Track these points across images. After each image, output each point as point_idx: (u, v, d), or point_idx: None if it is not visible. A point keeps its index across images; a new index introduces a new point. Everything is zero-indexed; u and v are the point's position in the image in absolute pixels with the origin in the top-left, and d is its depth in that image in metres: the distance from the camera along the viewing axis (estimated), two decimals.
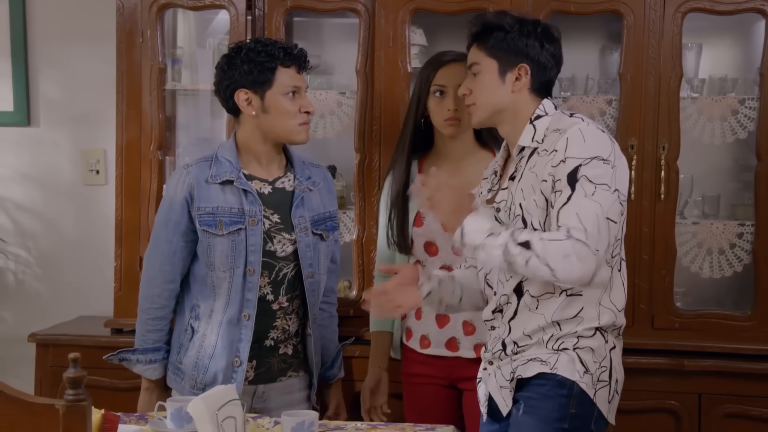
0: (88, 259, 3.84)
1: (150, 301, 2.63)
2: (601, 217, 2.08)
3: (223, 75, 2.57)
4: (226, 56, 2.60)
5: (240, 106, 2.56)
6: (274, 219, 2.56)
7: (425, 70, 2.78)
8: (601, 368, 2.17)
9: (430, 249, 2.74)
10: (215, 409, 2.11)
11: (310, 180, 2.64)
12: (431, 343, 2.77)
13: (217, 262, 2.53)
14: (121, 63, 3.47)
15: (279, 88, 2.53)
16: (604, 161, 2.13)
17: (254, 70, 2.52)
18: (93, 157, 3.84)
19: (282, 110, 2.53)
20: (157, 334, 2.64)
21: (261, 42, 2.58)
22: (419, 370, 2.79)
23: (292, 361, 2.64)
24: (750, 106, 3.30)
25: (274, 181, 2.60)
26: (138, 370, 2.66)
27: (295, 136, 2.57)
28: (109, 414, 2.25)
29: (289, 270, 2.58)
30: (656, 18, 3.22)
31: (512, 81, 2.25)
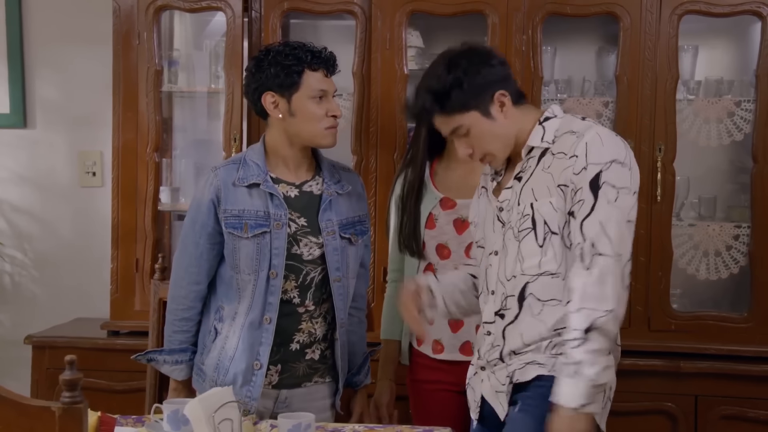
0: (85, 261, 3.84)
1: (177, 302, 2.62)
2: (623, 222, 2.12)
3: (251, 78, 2.57)
4: (254, 59, 2.60)
5: (267, 109, 2.55)
6: (301, 222, 2.55)
7: None
8: None
9: (442, 252, 2.73)
10: (212, 411, 2.10)
11: (339, 184, 2.62)
12: (444, 347, 2.74)
13: (242, 265, 2.53)
14: (117, 65, 3.47)
15: (306, 91, 2.51)
16: (621, 164, 2.15)
17: (281, 74, 2.50)
18: (90, 159, 3.84)
19: (308, 114, 2.52)
20: (183, 335, 2.63)
21: (289, 45, 2.55)
22: (430, 376, 2.76)
23: (318, 366, 2.62)
24: (746, 108, 3.30)
25: (301, 184, 2.59)
26: (165, 370, 2.66)
27: (321, 140, 2.56)
28: (106, 416, 2.25)
29: (316, 274, 2.56)
30: (652, 20, 3.23)
31: (499, 111, 2.22)
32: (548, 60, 3.38)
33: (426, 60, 3.49)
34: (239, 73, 3.38)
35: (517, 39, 3.25)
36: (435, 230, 2.72)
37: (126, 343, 3.38)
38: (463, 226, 2.68)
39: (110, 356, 3.38)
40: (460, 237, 2.70)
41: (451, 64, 2.21)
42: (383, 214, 3.31)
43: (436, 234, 2.72)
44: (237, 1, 3.39)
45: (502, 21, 3.26)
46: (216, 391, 2.20)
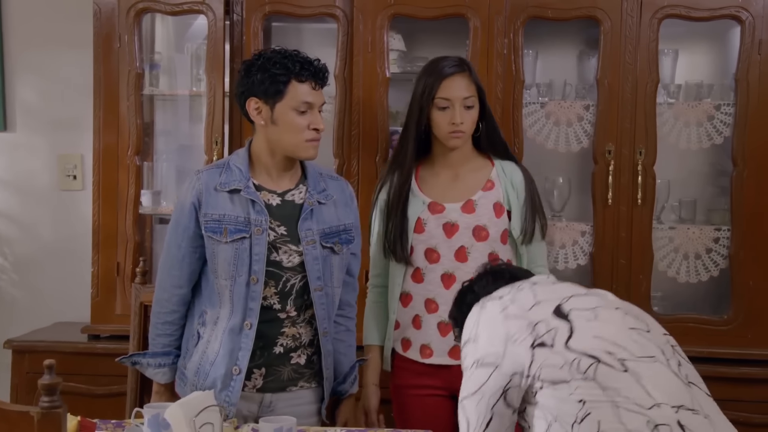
0: (65, 265, 3.82)
1: (160, 306, 2.61)
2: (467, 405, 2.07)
3: (240, 81, 2.56)
4: (245, 62, 2.58)
5: (250, 114, 2.53)
6: (280, 231, 2.54)
7: (427, 79, 2.70)
8: None
9: (431, 256, 2.72)
10: (192, 415, 2.10)
11: (323, 193, 2.60)
12: (434, 352, 2.73)
13: (219, 270, 2.51)
14: (98, 68, 3.45)
15: (289, 102, 2.49)
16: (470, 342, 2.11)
17: (267, 81, 2.48)
18: (70, 162, 3.82)
19: (290, 124, 2.50)
20: (166, 339, 2.62)
21: (280, 53, 2.52)
22: (417, 381, 2.75)
23: (304, 371, 2.60)
24: (726, 111, 3.33)
25: (283, 193, 2.58)
26: (149, 373, 2.64)
27: (301, 151, 2.54)
28: (86, 421, 2.24)
29: (296, 281, 2.55)
30: (633, 24, 3.25)
31: None
32: (530, 63, 3.40)
33: (408, 63, 3.50)
34: (221, 76, 3.38)
35: (498, 42, 3.26)
36: (424, 234, 2.71)
37: (107, 347, 3.37)
38: (453, 229, 2.69)
39: (91, 360, 3.37)
40: (449, 240, 2.70)
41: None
42: (365, 218, 3.30)
43: (425, 238, 2.71)
44: (218, 4, 3.39)
45: (484, 24, 3.27)
46: (197, 395, 2.19)
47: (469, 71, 2.71)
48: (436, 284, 2.70)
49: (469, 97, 2.68)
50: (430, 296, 2.71)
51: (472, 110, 2.69)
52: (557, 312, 2.00)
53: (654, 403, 1.85)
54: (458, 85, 2.68)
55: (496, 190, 2.72)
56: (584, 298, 2.04)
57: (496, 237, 2.69)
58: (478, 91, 2.71)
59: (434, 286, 2.71)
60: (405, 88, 3.56)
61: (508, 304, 2.05)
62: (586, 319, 1.98)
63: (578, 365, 1.91)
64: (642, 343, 1.95)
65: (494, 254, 2.69)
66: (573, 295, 2.05)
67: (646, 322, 2.04)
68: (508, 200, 2.71)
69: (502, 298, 2.08)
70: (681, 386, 1.91)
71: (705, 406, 1.91)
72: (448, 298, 2.67)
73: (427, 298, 2.72)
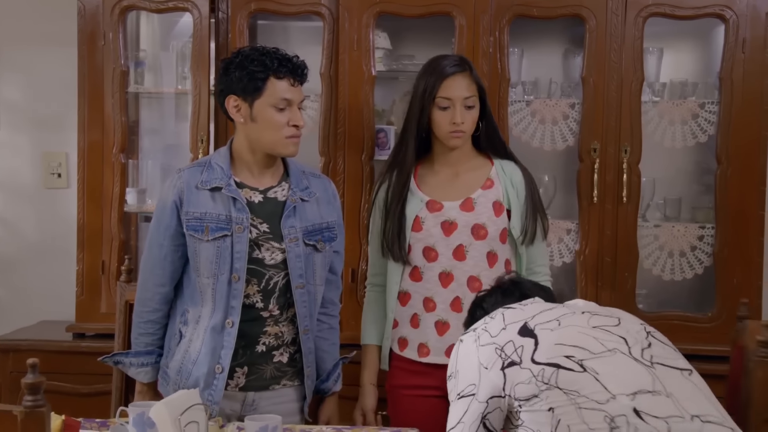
0: (50, 264, 3.80)
1: (142, 305, 2.61)
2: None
3: (218, 79, 2.56)
4: (224, 61, 2.58)
5: (229, 112, 2.54)
6: (263, 228, 2.54)
7: (428, 78, 2.68)
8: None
9: (429, 254, 2.71)
10: (178, 414, 2.09)
11: (306, 191, 2.60)
12: (431, 351, 2.72)
13: (201, 268, 2.51)
14: (82, 65, 3.44)
15: (268, 98, 2.49)
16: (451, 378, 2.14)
17: (245, 78, 2.48)
18: (55, 160, 3.81)
19: (269, 121, 2.50)
20: (149, 338, 2.62)
21: (259, 50, 2.53)
22: (414, 381, 2.74)
23: (287, 369, 2.60)
24: (710, 110, 3.34)
25: (266, 190, 2.58)
26: (132, 373, 2.64)
27: (281, 148, 2.54)
28: (70, 420, 2.23)
29: (279, 279, 2.55)
30: (618, 22, 3.26)
31: None
32: (515, 62, 3.40)
33: (393, 61, 3.50)
34: (206, 74, 3.37)
35: (484, 41, 3.27)
36: (422, 233, 2.71)
37: (92, 346, 3.36)
38: (451, 227, 2.68)
39: (76, 359, 3.35)
40: (447, 239, 2.69)
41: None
42: (351, 216, 3.32)
43: (423, 237, 2.71)
44: (204, 1, 3.38)
45: (470, 23, 3.27)
46: (182, 393, 2.19)
47: (470, 70, 2.70)
48: (434, 283, 2.70)
49: (469, 97, 2.67)
50: (428, 295, 2.71)
51: (473, 110, 2.68)
52: (522, 331, 2.01)
53: (609, 396, 1.85)
54: (459, 85, 2.67)
55: (496, 189, 2.71)
56: (549, 312, 2.06)
57: (495, 236, 2.68)
58: (479, 90, 2.71)
59: (432, 285, 2.70)
60: (391, 86, 3.58)
61: (480, 334, 2.08)
62: (550, 329, 1.99)
63: (542, 376, 1.92)
64: (603, 338, 1.96)
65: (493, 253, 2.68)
66: (539, 312, 2.06)
67: (618, 316, 2.05)
68: (508, 199, 2.71)
69: (476, 329, 2.11)
70: (641, 371, 1.91)
71: (670, 383, 1.90)
72: (446, 297, 2.69)
73: (425, 297, 2.71)
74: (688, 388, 1.91)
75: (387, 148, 3.38)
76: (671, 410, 1.84)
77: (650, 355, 1.95)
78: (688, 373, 1.96)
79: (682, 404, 1.86)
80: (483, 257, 2.68)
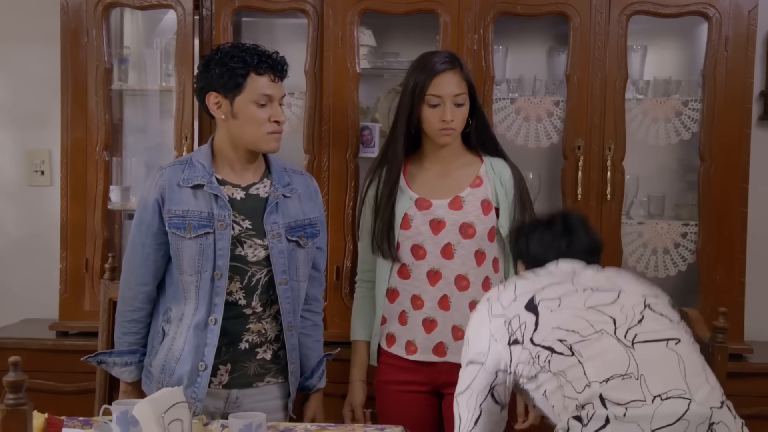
0: (33, 261, 3.78)
1: (125, 304, 2.60)
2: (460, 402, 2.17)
3: (199, 77, 2.56)
4: (203, 58, 2.59)
5: (210, 109, 2.54)
6: (245, 225, 2.53)
7: (418, 75, 2.68)
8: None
9: (417, 252, 2.71)
10: (161, 411, 2.09)
11: (288, 187, 2.60)
12: (418, 348, 2.72)
13: (185, 266, 2.51)
14: (66, 63, 3.42)
15: (249, 95, 2.49)
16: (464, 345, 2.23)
17: (225, 75, 2.49)
18: (38, 157, 3.79)
19: (250, 117, 2.50)
20: (132, 337, 2.61)
21: (238, 47, 2.54)
22: (401, 376, 2.74)
23: (270, 366, 2.60)
24: (693, 107, 3.36)
25: (248, 187, 2.58)
26: (115, 372, 2.63)
27: (263, 144, 2.54)
28: (53, 418, 2.22)
29: (262, 276, 2.55)
30: (602, 20, 3.27)
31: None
32: (500, 59, 3.41)
33: (378, 59, 3.50)
34: (190, 71, 3.36)
35: (468, 38, 3.27)
36: (410, 230, 2.71)
37: (75, 344, 3.34)
38: (439, 226, 2.69)
39: (59, 357, 3.34)
40: (436, 237, 2.69)
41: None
42: (336, 214, 3.32)
43: (411, 234, 2.71)
44: None
45: (454, 20, 3.27)
46: (166, 391, 2.18)
47: (460, 67, 2.70)
48: (422, 281, 2.70)
49: (459, 95, 2.67)
50: (416, 292, 2.71)
51: (463, 107, 2.68)
52: (528, 305, 2.08)
53: (586, 383, 1.95)
54: (449, 82, 2.67)
55: (485, 187, 2.71)
56: (556, 288, 2.10)
57: (483, 234, 2.69)
58: (469, 87, 2.70)
59: (420, 283, 2.71)
60: (375, 84, 3.58)
61: (493, 304, 2.14)
62: (550, 309, 2.06)
63: (539, 359, 2.02)
64: (594, 319, 2.01)
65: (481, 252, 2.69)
66: (548, 285, 2.11)
67: (620, 289, 2.09)
68: (497, 197, 2.71)
69: (489, 299, 2.17)
70: (620, 353, 1.97)
71: (646, 363, 1.95)
72: (434, 295, 2.69)
73: (413, 295, 2.72)
74: (666, 364, 1.97)
75: (372, 145, 3.38)
76: (634, 394, 1.92)
77: (635, 334, 2.00)
78: (675, 343, 2.01)
79: (649, 385, 1.92)
80: (471, 256, 2.68)
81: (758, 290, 3.48)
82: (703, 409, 1.92)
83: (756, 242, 3.41)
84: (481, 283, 2.70)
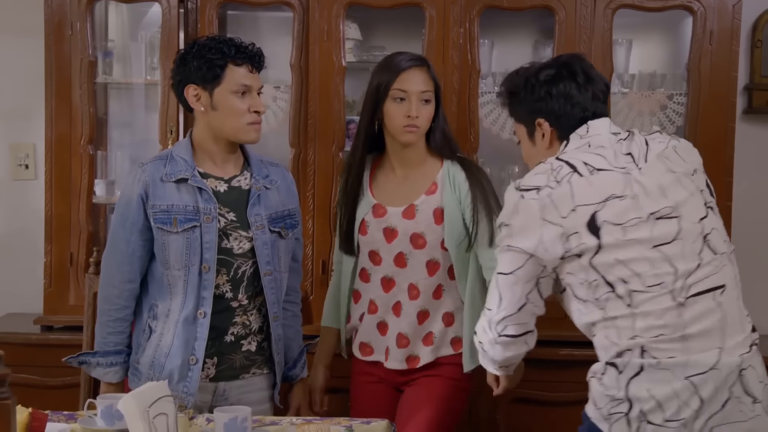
0: (17, 255, 3.76)
1: (109, 303, 2.58)
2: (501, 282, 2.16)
3: (176, 70, 2.57)
4: (179, 52, 2.59)
5: (189, 101, 2.54)
6: (230, 217, 2.54)
7: (384, 73, 2.66)
8: (614, 402, 2.07)
9: (374, 258, 2.72)
10: (146, 406, 2.08)
11: (267, 178, 2.62)
12: (373, 350, 2.75)
13: (172, 260, 2.51)
14: (49, 55, 3.40)
15: (228, 85, 2.50)
16: (505, 226, 2.14)
17: (204, 67, 2.50)
18: (22, 151, 3.77)
19: (230, 108, 2.51)
20: (118, 337, 2.59)
21: (215, 39, 2.55)
22: (365, 368, 2.78)
23: (256, 357, 2.61)
24: (678, 101, 3.37)
25: (230, 179, 2.58)
26: (97, 374, 2.61)
27: (243, 135, 2.55)
28: (37, 412, 2.21)
29: (247, 267, 2.56)
30: (587, 14, 3.27)
31: (540, 139, 2.23)
32: (485, 53, 3.41)
33: (364, 52, 3.50)
34: None
35: (454, 32, 3.27)
36: (367, 237, 2.72)
37: (60, 338, 3.33)
38: (392, 234, 2.69)
39: (44, 352, 3.32)
40: (389, 245, 2.69)
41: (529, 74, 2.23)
42: (322, 207, 3.32)
43: (368, 240, 2.72)
44: None
45: (440, 13, 3.27)
46: (151, 385, 2.17)
47: (427, 67, 2.70)
48: (377, 286, 2.72)
49: (426, 91, 2.65)
50: (372, 297, 2.73)
51: (429, 105, 2.66)
52: (590, 225, 2.04)
53: (632, 335, 2.03)
54: (416, 79, 2.65)
55: (438, 194, 2.67)
56: (619, 203, 2.05)
57: (434, 244, 2.67)
58: (435, 88, 2.69)
59: (375, 288, 2.72)
60: (361, 77, 3.56)
61: (546, 203, 2.06)
62: (615, 238, 2.03)
63: (596, 290, 2.05)
64: (658, 267, 2.03)
65: (434, 261, 2.67)
66: (610, 197, 2.05)
67: (678, 215, 2.07)
68: (447, 204, 2.66)
69: (540, 191, 2.08)
70: (672, 314, 2.02)
71: (692, 323, 2.02)
72: (387, 300, 2.71)
73: (370, 299, 2.73)
74: (710, 321, 2.04)
75: None
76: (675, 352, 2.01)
77: (690, 285, 2.04)
78: (720, 293, 2.07)
79: (690, 343, 2.01)
80: (422, 266, 2.68)
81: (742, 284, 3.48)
82: (734, 358, 2.02)
83: (740, 236, 3.42)
84: (431, 292, 2.69)
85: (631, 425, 2.04)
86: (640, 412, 2.03)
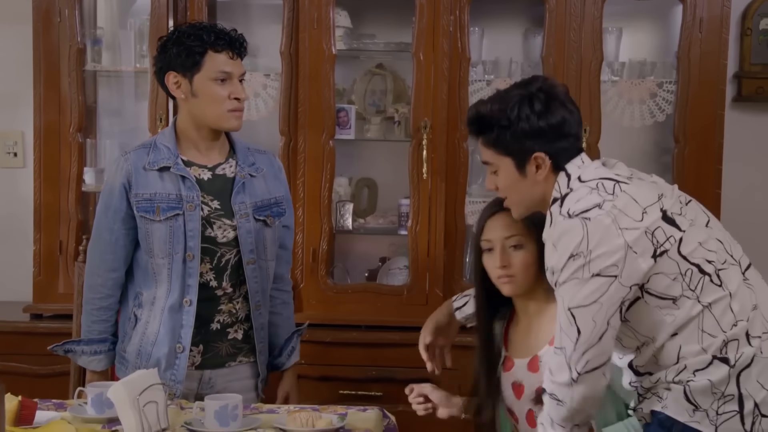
0: (6, 244, 3.75)
1: (94, 291, 2.58)
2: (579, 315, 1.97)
3: (156, 57, 2.56)
4: (160, 39, 2.58)
5: (170, 88, 2.53)
6: (214, 205, 2.54)
7: (479, 222, 2.36)
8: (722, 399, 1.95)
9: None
10: (136, 394, 2.08)
11: (253, 166, 2.61)
12: None
13: (155, 249, 2.50)
14: (38, 43, 3.39)
15: (207, 72, 2.49)
16: (575, 257, 1.95)
17: (183, 53, 2.49)
18: (10, 139, 3.75)
19: (210, 95, 2.50)
20: (102, 325, 2.59)
21: (195, 26, 2.54)
22: None
23: (242, 346, 2.61)
24: (668, 89, 3.37)
25: (214, 167, 2.57)
26: (83, 362, 2.61)
27: (224, 122, 2.53)
28: (26, 401, 2.21)
29: (231, 256, 2.55)
30: (577, 2, 3.27)
31: (533, 172, 2.04)
32: (476, 41, 3.40)
33: (354, 40, 3.49)
34: None
35: (444, 19, 3.26)
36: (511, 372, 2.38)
37: (49, 326, 3.32)
38: (519, 389, 2.34)
39: (33, 340, 3.31)
40: (519, 402, 2.35)
41: (520, 101, 2.04)
42: (312, 195, 3.31)
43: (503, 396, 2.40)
44: None
45: (430, 1, 3.26)
46: (141, 373, 2.18)
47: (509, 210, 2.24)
48: None
49: (511, 237, 2.29)
50: None
51: (521, 250, 2.28)
52: (665, 218, 1.97)
53: (733, 321, 1.96)
54: (500, 225, 2.29)
55: None
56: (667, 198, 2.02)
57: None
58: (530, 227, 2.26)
59: None
60: (351, 65, 3.57)
61: (616, 214, 1.94)
62: (689, 222, 1.99)
63: (689, 278, 1.95)
64: (714, 243, 2.01)
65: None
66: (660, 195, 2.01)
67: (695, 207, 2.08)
68: None
69: (602, 206, 1.95)
70: (744, 287, 2.00)
71: (758, 293, 2.01)
72: None
73: None
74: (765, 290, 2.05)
75: (348, 127, 3.37)
76: (764, 326, 1.98)
77: (744, 260, 2.05)
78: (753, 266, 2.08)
79: (765, 316, 1.99)
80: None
81: None
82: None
83: (730, 224, 3.35)
84: None
85: (744, 422, 1.93)
86: (754, 407, 1.93)
